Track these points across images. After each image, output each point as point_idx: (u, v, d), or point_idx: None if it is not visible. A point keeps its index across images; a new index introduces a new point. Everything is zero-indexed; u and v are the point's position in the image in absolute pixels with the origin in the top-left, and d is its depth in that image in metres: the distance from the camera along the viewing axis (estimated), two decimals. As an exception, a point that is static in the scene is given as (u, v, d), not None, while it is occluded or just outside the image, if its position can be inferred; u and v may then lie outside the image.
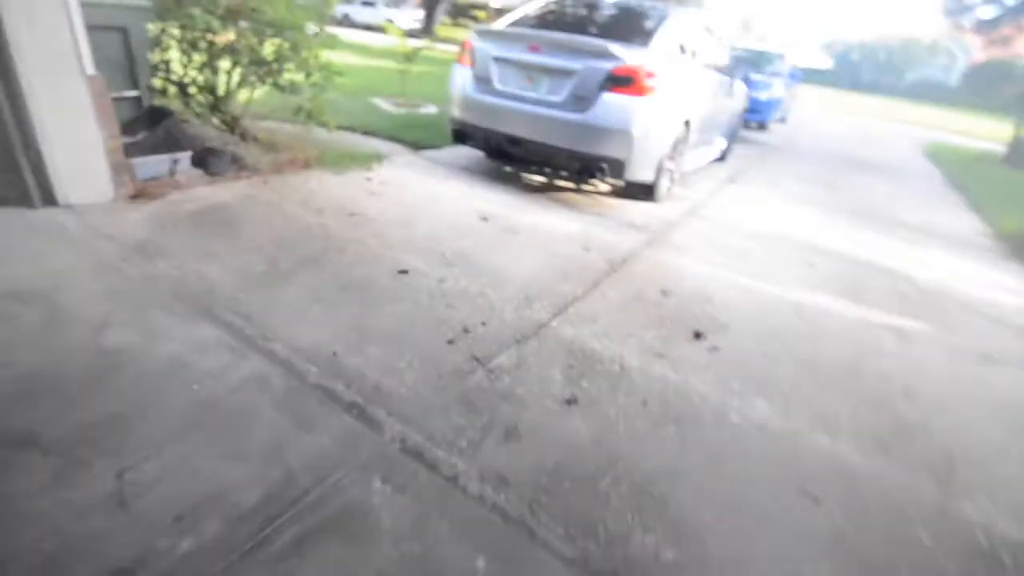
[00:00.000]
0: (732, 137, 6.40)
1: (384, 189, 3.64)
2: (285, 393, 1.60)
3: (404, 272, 2.49)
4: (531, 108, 3.76)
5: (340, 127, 5.07)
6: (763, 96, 9.08)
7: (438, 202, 3.56)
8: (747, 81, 6.54)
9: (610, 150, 3.64)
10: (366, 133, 5.07)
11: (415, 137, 5.06)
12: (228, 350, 1.75)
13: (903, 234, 4.56)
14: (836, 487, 1.61)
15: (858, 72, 37.41)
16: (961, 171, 8.65)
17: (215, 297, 2.05)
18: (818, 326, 2.64)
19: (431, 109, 6.45)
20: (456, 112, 4.18)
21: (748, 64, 7.31)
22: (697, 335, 2.34)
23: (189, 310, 1.94)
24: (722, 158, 6.29)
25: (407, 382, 1.75)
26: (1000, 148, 11.21)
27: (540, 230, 3.33)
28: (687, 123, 4.20)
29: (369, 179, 3.79)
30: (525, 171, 4.64)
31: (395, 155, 4.54)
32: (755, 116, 9.02)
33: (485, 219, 3.37)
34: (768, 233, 4.01)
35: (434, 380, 1.79)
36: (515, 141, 3.88)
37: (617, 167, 3.70)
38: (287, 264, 2.40)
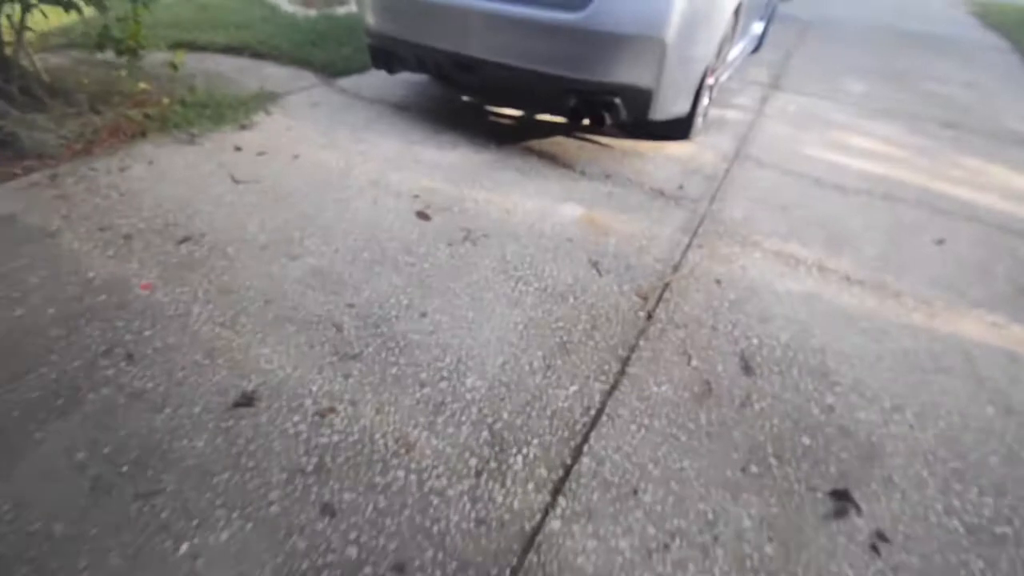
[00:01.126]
0: (771, 18, 4.74)
1: (260, 167, 2.24)
2: None
3: (246, 404, 1.25)
4: (490, 5, 2.24)
5: (216, 48, 3.46)
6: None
7: (347, 186, 2.18)
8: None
9: (626, 73, 2.17)
10: (255, 55, 3.47)
11: (328, 57, 3.48)
12: None
13: (1020, 154, 3.23)
14: None
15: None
16: (1035, 38, 6.95)
17: None
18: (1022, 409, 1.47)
19: (354, 7, 4.67)
20: (370, 19, 2.61)
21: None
22: (838, 501, 1.18)
23: None
24: (757, 47, 4.69)
25: None
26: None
27: (516, 228, 2.01)
28: (737, 10, 2.67)
29: (239, 148, 2.37)
30: (491, 102, 3.16)
31: (294, 90, 3.03)
32: (784, -19, 7.06)
33: (424, 214, 2.04)
34: (856, 179, 2.68)
35: None
36: (466, 64, 2.39)
37: (638, 100, 2.25)
38: (5, 423, 1.15)
